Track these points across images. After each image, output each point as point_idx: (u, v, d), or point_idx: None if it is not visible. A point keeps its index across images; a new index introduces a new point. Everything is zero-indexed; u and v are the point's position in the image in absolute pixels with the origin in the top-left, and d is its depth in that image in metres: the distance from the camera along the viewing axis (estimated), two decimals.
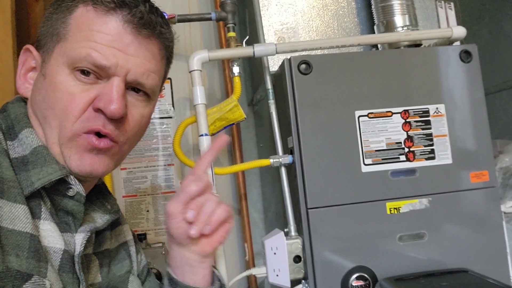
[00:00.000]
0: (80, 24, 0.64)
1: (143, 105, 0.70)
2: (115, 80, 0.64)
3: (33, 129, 0.66)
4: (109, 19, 0.64)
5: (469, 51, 1.16)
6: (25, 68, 0.70)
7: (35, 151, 0.64)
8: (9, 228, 0.56)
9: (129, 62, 0.64)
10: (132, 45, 0.65)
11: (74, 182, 0.65)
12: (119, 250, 0.81)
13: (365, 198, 1.08)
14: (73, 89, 0.63)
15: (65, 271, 0.63)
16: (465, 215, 1.11)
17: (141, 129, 0.72)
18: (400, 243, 1.08)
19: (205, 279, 0.76)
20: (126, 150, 0.71)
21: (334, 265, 1.05)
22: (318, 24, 1.33)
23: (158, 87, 0.73)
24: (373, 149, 1.09)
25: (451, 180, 1.12)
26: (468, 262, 1.09)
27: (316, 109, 1.09)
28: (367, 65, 1.12)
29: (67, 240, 0.65)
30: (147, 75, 0.67)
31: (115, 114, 0.63)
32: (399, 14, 1.22)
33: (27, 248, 0.57)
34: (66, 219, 0.66)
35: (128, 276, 0.80)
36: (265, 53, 1.12)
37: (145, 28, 0.66)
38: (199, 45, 1.38)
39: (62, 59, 0.64)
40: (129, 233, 0.86)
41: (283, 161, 1.12)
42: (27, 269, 0.56)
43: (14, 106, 0.69)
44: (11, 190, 0.59)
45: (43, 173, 0.62)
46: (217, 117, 1.18)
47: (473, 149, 1.13)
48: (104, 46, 0.63)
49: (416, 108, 1.12)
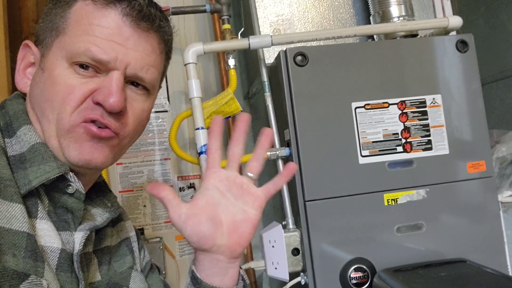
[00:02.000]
0: (79, 18, 0.63)
1: (143, 99, 0.69)
2: (114, 73, 0.63)
3: (31, 126, 0.65)
4: (108, 12, 0.63)
5: (465, 40, 1.15)
6: (24, 64, 0.69)
7: (33, 149, 0.63)
8: (5, 228, 0.55)
9: (128, 56, 0.64)
10: (132, 38, 0.64)
11: (73, 179, 0.64)
12: (121, 246, 0.80)
13: (363, 189, 1.08)
14: (71, 81, 0.62)
15: (63, 270, 0.62)
16: (462, 205, 1.11)
17: (142, 124, 0.71)
18: (398, 234, 1.08)
19: (233, 279, 0.72)
20: (126, 145, 0.70)
21: (333, 257, 1.05)
22: (314, 15, 1.32)
23: (157, 82, 0.72)
24: (370, 140, 1.09)
25: (448, 170, 1.12)
26: (466, 252, 1.09)
27: (312, 101, 1.08)
28: (363, 56, 1.11)
29: (66, 238, 0.64)
30: (147, 69, 0.66)
31: (114, 107, 0.62)
32: (395, 4, 1.21)
33: (24, 248, 0.56)
34: (65, 217, 0.65)
35: (130, 272, 0.78)
36: (261, 45, 1.11)
37: (145, 21, 0.65)
38: (193, 37, 1.37)
39: (61, 53, 0.63)
40: (131, 229, 0.85)
41: (280, 154, 1.12)
42: (24, 268, 0.55)
43: (12, 103, 0.68)
44: (8, 189, 0.58)
45: (41, 171, 0.61)
46: (213, 110, 1.17)
47: (470, 139, 1.13)
48: (103, 40, 0.62)
49: (413, 98, 1.12)
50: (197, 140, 1.07)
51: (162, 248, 1.20)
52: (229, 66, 1.19)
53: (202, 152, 1.06)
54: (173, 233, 1.25)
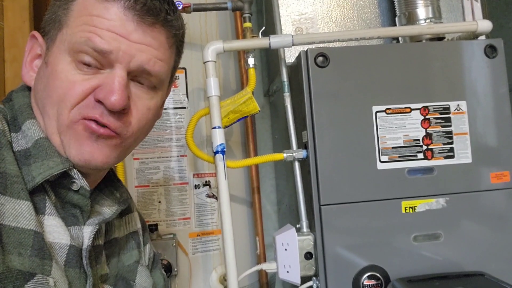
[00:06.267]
0: (81, 9, 0.62)
1: (148, 97, 0.66)
2: (117, 69, 0.61)
3: (35, 120, 0.64)
4: (111, 5, 0.61)
5: (494, 46, 1.11)
6: (31, 56, 0.68)
7: (37, 144, 0.62)
8: (11, 226, 0.55)
9: (132, 48, 0.61)
10: (136, 32, 0.62)
11: (77, 176, 0.63)
12: (129, 239, 0.80)
13: (380, 196, 1.06)
14: (73, 77, 0.60)
15: (72, 266, 0.62)
16: (482, 216, 1.08)
17: (148, 122, 0.69)
18: (415, 243, 1.05)
19: None
20: (131, 144, 0.68)
21: (346, 263, 1.04)
22: (338, 14, 1.29)
23: (166, 76, 0.69)
24: (390, 146, 1.06)
25: (470, 180, 1.08)
26: (485, 264, 1.06)
27: (332, 104, 1.06)
28: (387, 59, 1.08)
29: (75, 233, 0.64)
30: (154, 61, 0.64)
31: (115, 106, 0.60)
32: (422, 6, 1.18)
33: (31, 246, 0.56)
34: (74, 212, 0.65)
35: (136, 266, 0.78)
36: (282, 44, 1.09)
37: (149, 15, 0.62)
38: (214, 34, 1.36)
39: (63, 46, 0.62)
40: (138, 221, 0.84)
41: (297, 156, 1.10)
42: (30, 267, 0.55)
43: (18, 96, 0.67)
44: (14, 186, 0.57)
45: (44, 167, 0.60)
46: (231, 109, 1.16)
47: (494, 148, 1.09)
48: (105, 30, 0.60)
49: (436, 104, 1.08)
50: (213, 139, 1.06)
51: (175, 245, 1.20)
52: (248, 65, 1.17)
53: (218, 152, 1.05)
54: (187, 230, 1.26)
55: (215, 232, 1.30)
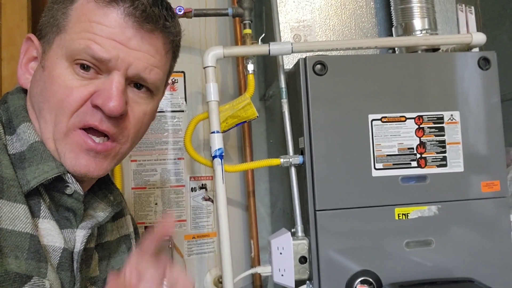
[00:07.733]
0: (80, 15, 0.62)
1: (145, 102, 0.67)
2: (115, 75, 0.61)
3: (30, 124, 0.63)
4: (110, 11, 0.61)
5: (488, 58, 1.14)
6: (26, 58, 0.68)
7: (32, 147, 0.61)
8: (8, 229, 0.55)
9: (130, 56, 0.62)
10: (134, 39, 0.62)
11: (71, 181, 0.63)
12: (120, 243, 0.80)
13: (374, 202, 1.08)
14: (71, 83, 0.60)
15: (63, 269, 0.62)
16: (473, 224, 1.10)
17: (143, 127, 0.69)
18: (407, 249, 1.08)
19: None
20: (127, 150, 0.69)
21: (340, 267, 1.06)
22: (335, 22, 1.31)
23: (162, 83, 0.70)
24: (384, 153, 1.09)
25: (462, 188, 1.11)
26: (475, 271, 1.08)
27: (329, 111, 1.08)
28: (383, 68, 1.11)
29: (67, 236, 0.64)
30: (150, 69, 0.64)
31: (113, 112, 0.60)
32: (419, 17, 1.20)
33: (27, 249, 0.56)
34: (67, 215, 0.65)
35: None
36: (281, 52, 1.11)
37: (148, 22, 0.63)
38: (214, 40, 1.37)
39: (61, 52, 0.62)
40: (131, 225, 0.84)
41: (293, 161, 1.12)
42: (27, 270, 0.55)
43: (13, 98, 0.67)
44: (11, 190, 0.57)
45: (39, 171, 0.60)
46: (229, 114, 1.17)
47: (485, 157, 1.12)
48: (104, 38, 0.60)
49: (431, 114, 1.11)
50: (211, 143, 1.08)
51: (171, 247, 1.21)
52: (248, 71, 1.19)
53: (216, 156, 1.07)
54: (182, 233, 1.27)
55: (210, 234, 1.31)
